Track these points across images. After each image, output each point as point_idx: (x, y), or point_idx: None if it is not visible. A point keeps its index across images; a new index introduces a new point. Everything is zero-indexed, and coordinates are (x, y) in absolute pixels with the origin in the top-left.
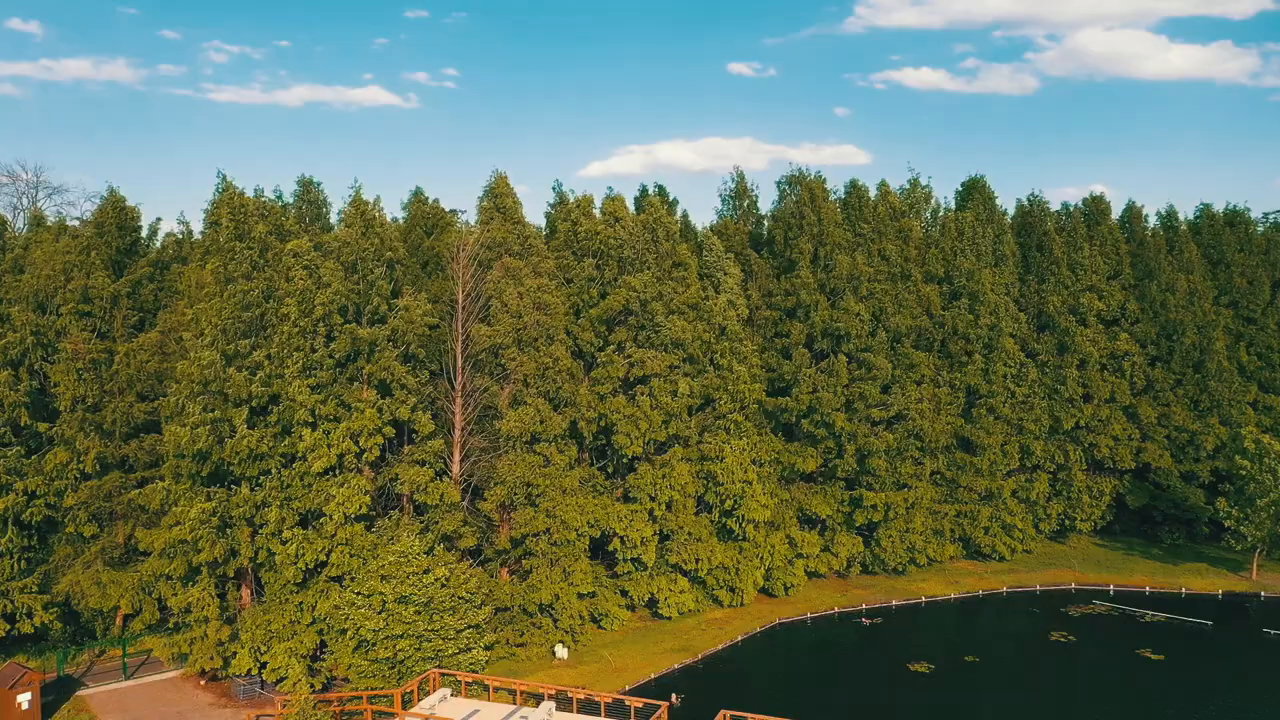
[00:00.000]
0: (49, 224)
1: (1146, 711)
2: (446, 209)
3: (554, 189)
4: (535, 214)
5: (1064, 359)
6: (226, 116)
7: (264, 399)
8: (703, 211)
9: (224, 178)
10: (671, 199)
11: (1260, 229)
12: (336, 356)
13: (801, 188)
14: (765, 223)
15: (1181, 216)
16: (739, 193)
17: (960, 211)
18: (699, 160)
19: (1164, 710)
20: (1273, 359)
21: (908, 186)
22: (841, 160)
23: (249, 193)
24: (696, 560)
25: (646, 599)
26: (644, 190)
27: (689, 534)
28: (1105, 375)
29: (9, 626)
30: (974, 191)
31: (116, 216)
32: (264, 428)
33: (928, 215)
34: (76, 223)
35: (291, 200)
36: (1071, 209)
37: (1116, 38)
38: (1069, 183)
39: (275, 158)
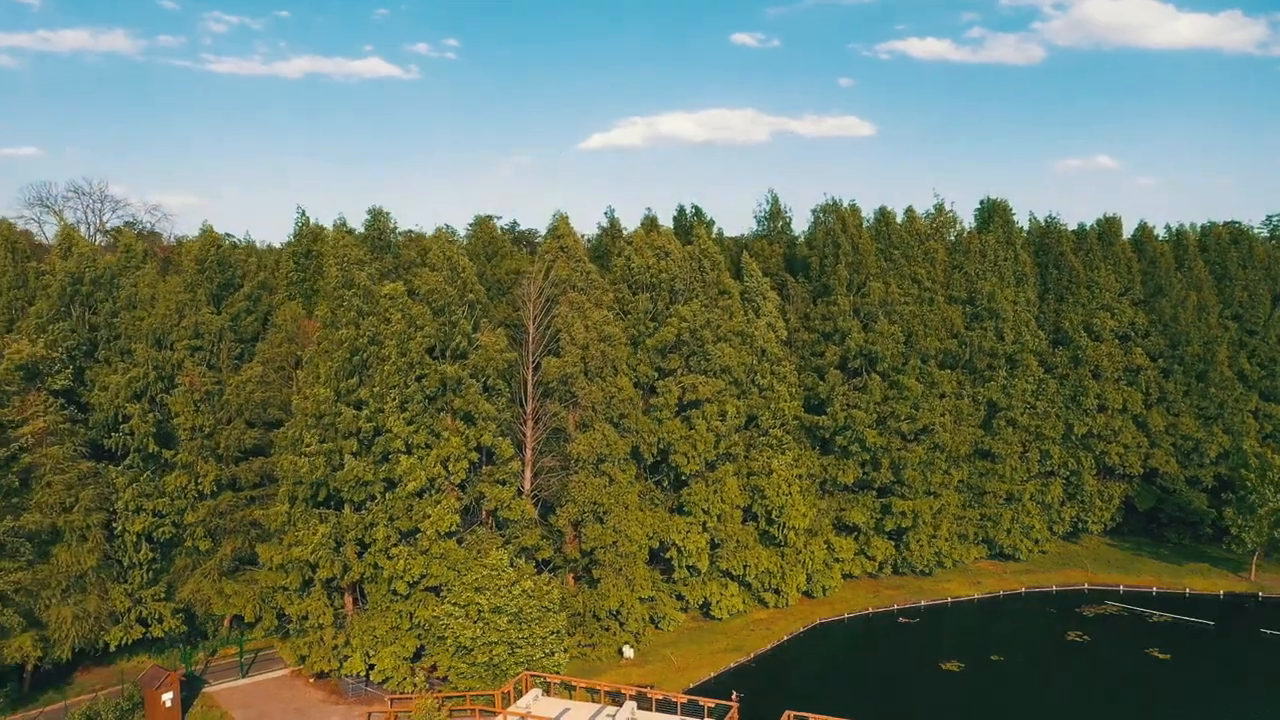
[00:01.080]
0: (129, 244)
1: (1157, 710)
2: (501, 226)
3: (606, 214)
4: (539, 185)
5: (1079, 372)
6: (226, 88)
7: (369, 432)
8: (707, 185)
9: (303, 213)
10: (708, 220)
11: (1265, 232)
12: (427, 391)
13: (835, 217)
14: (799, 246)
15: (1189, 225)
16: (773, 214)
17: (983, 234)
18: (700, 132)
19: (1174, 709)
20: (1274, 369)
21: (933, 211)
22: (844, 132)
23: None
24: (744, 566)
25: (700, 602)
26: (682, 210)
27: (737, 542)
28: (1119, 387)
29: (144, 630)
30: (995, 214)
31: (216, 254)
32: (366, 456)
33: (951, 238)
34: (127, 226)
35: (362, 229)
36: (1087, 229)
37: (1123, 6)
38: (1072, 154)
39: (275, 129)
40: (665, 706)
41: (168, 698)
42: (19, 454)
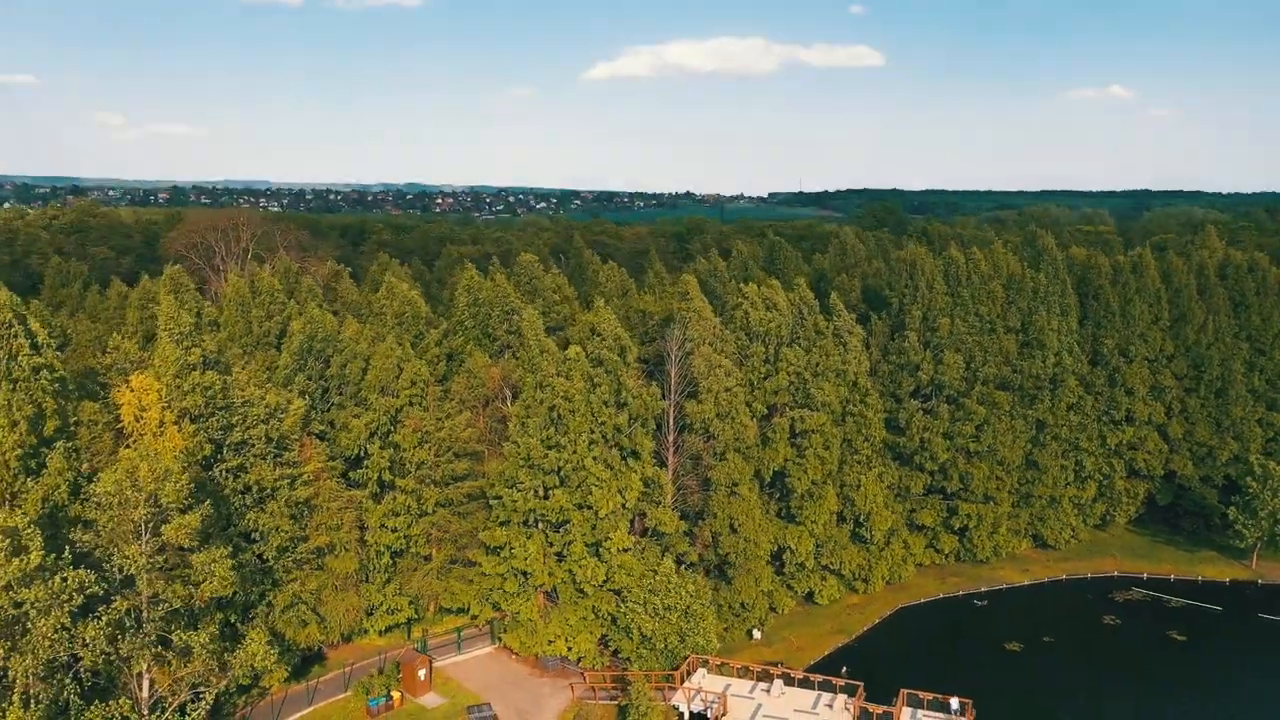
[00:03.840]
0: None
1: (1179, 688)
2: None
3: (705, 245)
4: (543, 118)
5: (1114, 390)
6: (225, 15)
7: (568, 471)
8: (717, 121)
9: (468, 270)
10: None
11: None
12: (604, 434)
13: (917, 267)
14: (879, 278)
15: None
16: (852, 250)
17: (1034, 273)
18: (708, 62)
19: (1190, 688)
20: (1278, 384)
21: (990, 251)
22: (854, 62)
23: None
24: (840, 562)
25: (805, 591)
26: (773, 248)
27: (835, 542)
28: (1146, 402)
29: (390, 619)
30: (1043, 255)
31: (410, 309)
32: (564, 489)
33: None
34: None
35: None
36: (1121, 260)
37: None
38: (1085, 84)
39: (275, 60)
40: (804, 684)
41: (422, 672)
42: (301, 489)
